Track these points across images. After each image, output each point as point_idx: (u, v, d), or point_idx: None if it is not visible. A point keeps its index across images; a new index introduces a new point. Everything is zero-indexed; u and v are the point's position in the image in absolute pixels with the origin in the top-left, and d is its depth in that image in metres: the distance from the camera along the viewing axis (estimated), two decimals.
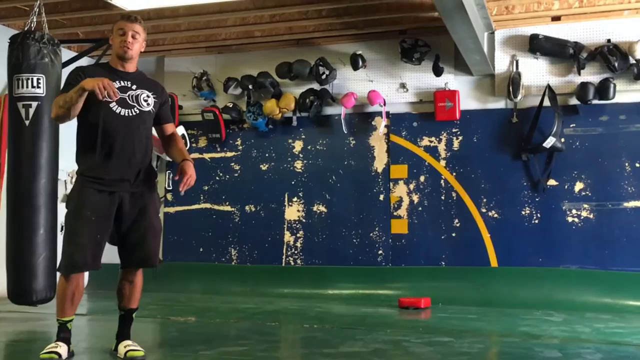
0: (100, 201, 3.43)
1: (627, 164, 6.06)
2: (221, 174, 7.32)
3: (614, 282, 5.96)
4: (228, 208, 7.26)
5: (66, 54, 5.33)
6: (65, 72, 3.75)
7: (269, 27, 6.85)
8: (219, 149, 7.36)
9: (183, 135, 7.18)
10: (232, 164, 7.30)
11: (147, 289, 4.14)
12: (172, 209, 7.43)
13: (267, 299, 6.45)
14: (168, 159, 7.30)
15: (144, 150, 3.56)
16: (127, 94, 3.51)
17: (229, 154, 7.32)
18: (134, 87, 3.55)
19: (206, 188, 7.34)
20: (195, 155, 7.34)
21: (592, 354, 3.78)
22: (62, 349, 3.37)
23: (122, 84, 3.52)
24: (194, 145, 7.40)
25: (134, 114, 3.51)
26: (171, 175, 7.28)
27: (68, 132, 3.58)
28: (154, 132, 3.75)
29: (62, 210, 4.47)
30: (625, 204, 6.04)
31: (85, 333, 4.56)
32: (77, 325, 3.57)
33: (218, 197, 7.30)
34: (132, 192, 3.51)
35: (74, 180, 3.61)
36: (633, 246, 5.98)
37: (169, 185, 7.44)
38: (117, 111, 3.46)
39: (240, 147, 7.29)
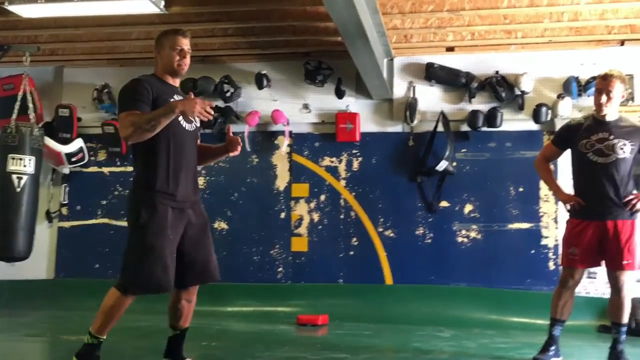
0: (175, 219, 3.38)
1: (511, 188, 6.47)
2: (120, 189, 7.15)
3: (500, 299, 6.29)
4: (127, 223, 7.07)
5: None
6: None
7: None
8: (119, 163, 7.19)
9: (81, 148, 6.98)
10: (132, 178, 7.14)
11: (36, 306, 4.00)
12: (66, 224, 7.17)
13: (165, 317, 6.32)
14: (65, 171, 7.11)
15: (197, 166, 3.61)
16: None
17: (129, 169, 7.15)
18: None
19: (104, 203, 7.14)
20: (94, 169, 7.15)
21: None
22: None
23: (177, 97, 3.46)
24: (92, 158, 7.19)
25: (194, 128, 3.53)
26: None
27: None
28: None
29: None
30: (510, 226, 6.44)
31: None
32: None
33: (116, 212, 7.11)
34: (194, 209, 3.51)
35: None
36: (517, 265, 6.36)
37: (64, 199, 7.19)
38: (184, 125, 3.45)
39: None
